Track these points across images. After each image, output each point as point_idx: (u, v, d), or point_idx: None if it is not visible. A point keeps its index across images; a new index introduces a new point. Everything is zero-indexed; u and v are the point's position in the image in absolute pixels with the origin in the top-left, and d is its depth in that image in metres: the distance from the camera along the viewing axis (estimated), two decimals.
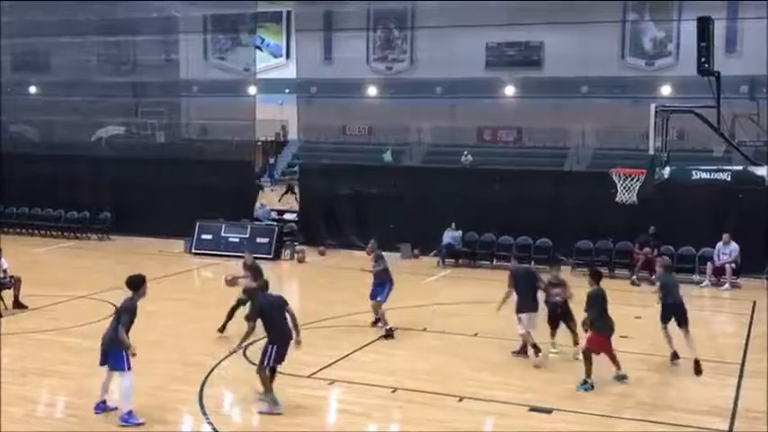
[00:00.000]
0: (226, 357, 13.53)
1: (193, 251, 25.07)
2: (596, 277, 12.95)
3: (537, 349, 13.65)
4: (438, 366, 13.54)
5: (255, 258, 15.90)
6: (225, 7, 31.27)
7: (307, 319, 16.58)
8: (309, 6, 30.24)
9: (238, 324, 15.72)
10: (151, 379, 12.38)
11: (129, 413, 10.83)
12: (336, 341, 14.93)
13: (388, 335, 14.96)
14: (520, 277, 14.02)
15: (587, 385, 12.36)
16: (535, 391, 12.39)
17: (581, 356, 12.74)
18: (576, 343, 13.84)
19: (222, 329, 14.99)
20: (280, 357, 11.48)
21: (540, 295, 14.08)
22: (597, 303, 12.53)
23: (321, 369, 13.19)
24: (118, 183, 27.16)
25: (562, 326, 14.12)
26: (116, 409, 11.10)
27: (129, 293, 11.13)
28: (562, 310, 14.06)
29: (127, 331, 10.83)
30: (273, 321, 11.47)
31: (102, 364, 11.08)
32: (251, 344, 14.40)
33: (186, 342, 14.80)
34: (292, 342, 11.54)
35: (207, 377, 12.75)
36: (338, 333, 15.61)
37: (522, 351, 13.89)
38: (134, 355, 10.80)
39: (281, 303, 11.65)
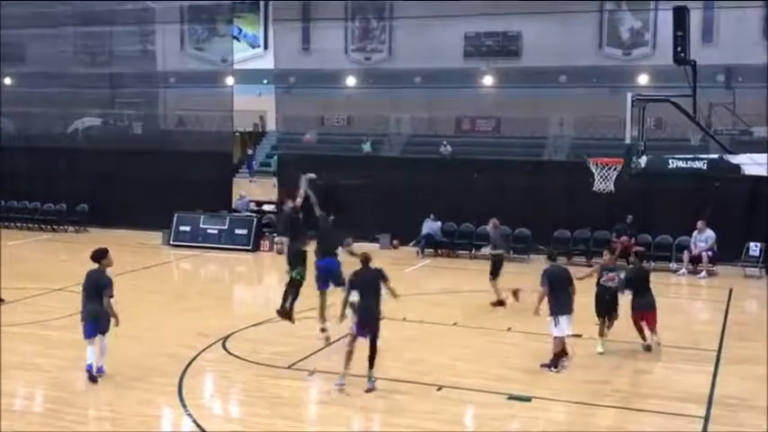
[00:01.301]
0: (206, 348, 13.53)
1: (171, 243, 24.99)
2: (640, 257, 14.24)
3: (566, 354, 13.04)
4: (418, 356, 13.58)
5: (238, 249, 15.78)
6: None
7: None
8: None
9: (220, 316, 15.74)
10: (130, 371, 12.34)
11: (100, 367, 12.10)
12: (316, 332, 14.90)
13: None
14: (555, 277, 13.05)
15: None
16: (514, 379, 12.46)
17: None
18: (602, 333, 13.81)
19: (287, 315, 14.23)
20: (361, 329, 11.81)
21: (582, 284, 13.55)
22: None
23: (301, 360, 13.19)
24: (95, 174, 26.98)
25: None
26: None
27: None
28: (611, 297, 13.80)
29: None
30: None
31: (91, 335, 11.85)
32: (230, 335, 14.42)
33: (165, 334, 14.75)
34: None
35: (186, 369, 12.71)
36: (317, 324, 15.58)
37: (554, 363, 12.88)
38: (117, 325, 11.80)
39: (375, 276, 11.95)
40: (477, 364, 13.20)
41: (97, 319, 11.85)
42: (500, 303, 16.99)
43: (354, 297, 11.84)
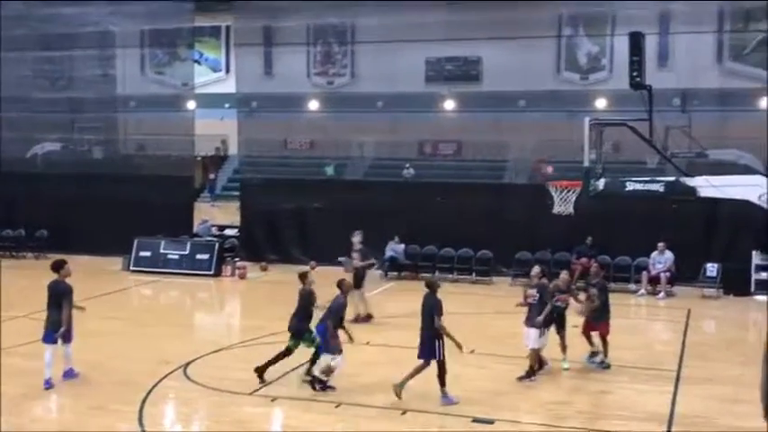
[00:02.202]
0: (167, 376, 13.39)
1: (131, 269, 24.74)
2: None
3: (540, 366, 13.55)
4: (381, 379, 13.53)
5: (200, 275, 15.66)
6: (162, 22, 30.97)
7: (247, 336, 16.60)
8: (248, 21, 30.08)
9: (181, 342, 15.60)
10: (90, 399, 12.18)
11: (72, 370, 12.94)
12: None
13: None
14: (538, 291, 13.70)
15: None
16: (477, 402, 12.48)
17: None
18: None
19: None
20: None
21: None
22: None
23: (264, 386, 13.10)
24: (54, 200, 26.64)
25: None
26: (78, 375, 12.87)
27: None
28: (558, 316, 14.08)
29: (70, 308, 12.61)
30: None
31: (50, 341, 12.58)
32: (192, 362, 14.29)
33: (126, 361, 14.56)
34: None
35: (147, 396, 12.56)
36: (280, 349, 15.50)
37: (529, 375, 13.49)
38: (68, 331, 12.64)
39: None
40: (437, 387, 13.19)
41: (58, 327, 12.50)
42: (368, 317, 17.58)
43: None
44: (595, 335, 14.55)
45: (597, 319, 14.45)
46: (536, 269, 14.11)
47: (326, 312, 13.00)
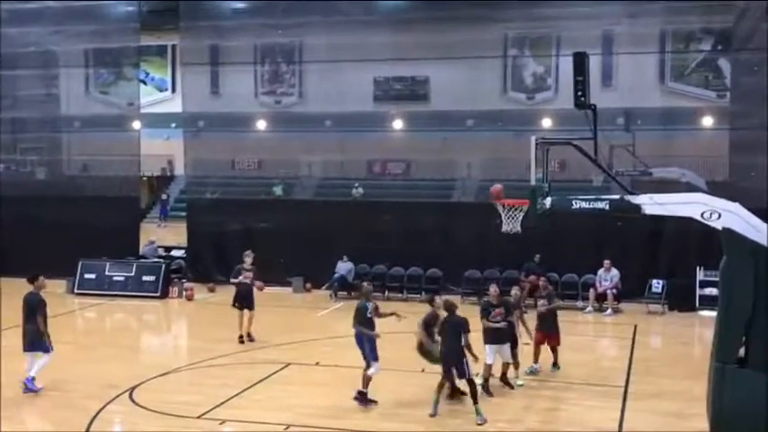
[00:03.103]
0: (112, 400, 13.12)
1: (76, 291, 24.27)
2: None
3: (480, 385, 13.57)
4: (332, 400, 13.45)
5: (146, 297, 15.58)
6: (107, 41, 30.61)
7: (195, 359, 16.37)
8: (195, 40, 29.86)
9: (127, 366, 15.33)
10: (34, 424, 11.88)
11: (33, 379, 13.51)
12: (227, 379, 14.67)
13: None
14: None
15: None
16: (428, 422, 12.45)
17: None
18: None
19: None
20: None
21: None
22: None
23: (212, 409, 12.90)
24: None
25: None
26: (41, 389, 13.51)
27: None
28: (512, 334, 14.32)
29: (45, 319, 13.70)
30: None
31: (27, 350, 13.68)
32: (138, 386, 14.03)
33: (70, 386, 14.24)
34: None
35: (92, 421, 12.28)
36: (228, 371, 15.34)
37: (484, 387, 13.71)
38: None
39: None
40: (390, 408, 13.14)
41: (36, 337, 13.61)
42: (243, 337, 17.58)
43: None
44: (545, 348, 15.03)
45: (548, 330, 15.17)
46: (495, 289, 14.27)
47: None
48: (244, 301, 17.85)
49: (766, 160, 21.26)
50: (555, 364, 15.38)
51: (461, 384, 12.95)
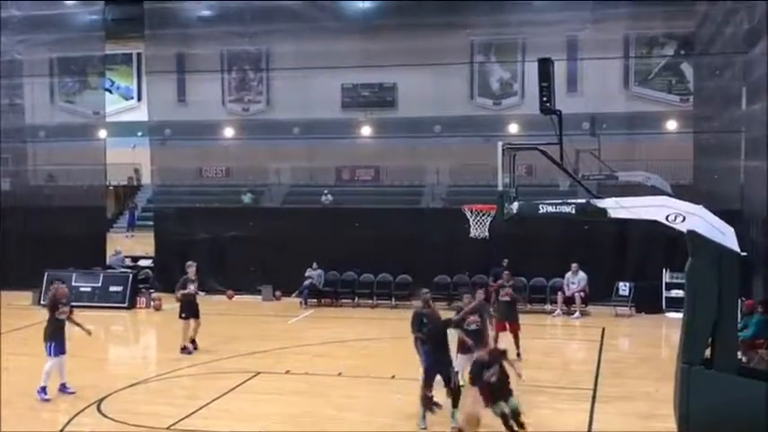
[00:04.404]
0: (80, 412, 12.98)
1: (42, 303, 23.92)
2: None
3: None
4: (303, 409, 13.40)
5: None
6: (72, 50, 30.33)
7: (163, 369, 16.23)
8: (161, 48, 29.67)
9: (95, 377, 15.16)
10: None
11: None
12: (197, 390, 14.57)
13: None
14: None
15: None
16: (400, 428, 12.46)
17: None
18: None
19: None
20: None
21: None
22: None
23: (181, 419, 12.79)
24: None
25: None
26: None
27: None
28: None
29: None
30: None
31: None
32: (106, 397, 13.89)
33: (37, 398, 14.06)
34: None
35: None
36: (198, 381, 15.24)
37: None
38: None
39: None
40: (363, 414, 13.15)
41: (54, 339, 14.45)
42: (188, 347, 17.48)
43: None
44: (504, 335, 15.98)
45: (508, 318, 16.30)
46: (467, 296, 14.29)
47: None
48: (191, 311, 17.75)
49: (733, 163, 21.60)
50: (519, 355, 15.62)
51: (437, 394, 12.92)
